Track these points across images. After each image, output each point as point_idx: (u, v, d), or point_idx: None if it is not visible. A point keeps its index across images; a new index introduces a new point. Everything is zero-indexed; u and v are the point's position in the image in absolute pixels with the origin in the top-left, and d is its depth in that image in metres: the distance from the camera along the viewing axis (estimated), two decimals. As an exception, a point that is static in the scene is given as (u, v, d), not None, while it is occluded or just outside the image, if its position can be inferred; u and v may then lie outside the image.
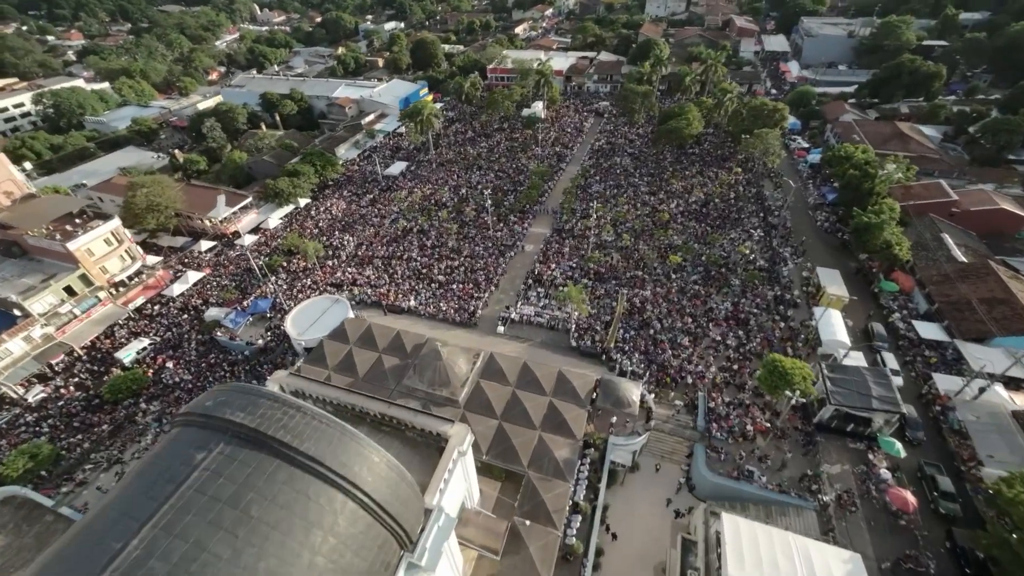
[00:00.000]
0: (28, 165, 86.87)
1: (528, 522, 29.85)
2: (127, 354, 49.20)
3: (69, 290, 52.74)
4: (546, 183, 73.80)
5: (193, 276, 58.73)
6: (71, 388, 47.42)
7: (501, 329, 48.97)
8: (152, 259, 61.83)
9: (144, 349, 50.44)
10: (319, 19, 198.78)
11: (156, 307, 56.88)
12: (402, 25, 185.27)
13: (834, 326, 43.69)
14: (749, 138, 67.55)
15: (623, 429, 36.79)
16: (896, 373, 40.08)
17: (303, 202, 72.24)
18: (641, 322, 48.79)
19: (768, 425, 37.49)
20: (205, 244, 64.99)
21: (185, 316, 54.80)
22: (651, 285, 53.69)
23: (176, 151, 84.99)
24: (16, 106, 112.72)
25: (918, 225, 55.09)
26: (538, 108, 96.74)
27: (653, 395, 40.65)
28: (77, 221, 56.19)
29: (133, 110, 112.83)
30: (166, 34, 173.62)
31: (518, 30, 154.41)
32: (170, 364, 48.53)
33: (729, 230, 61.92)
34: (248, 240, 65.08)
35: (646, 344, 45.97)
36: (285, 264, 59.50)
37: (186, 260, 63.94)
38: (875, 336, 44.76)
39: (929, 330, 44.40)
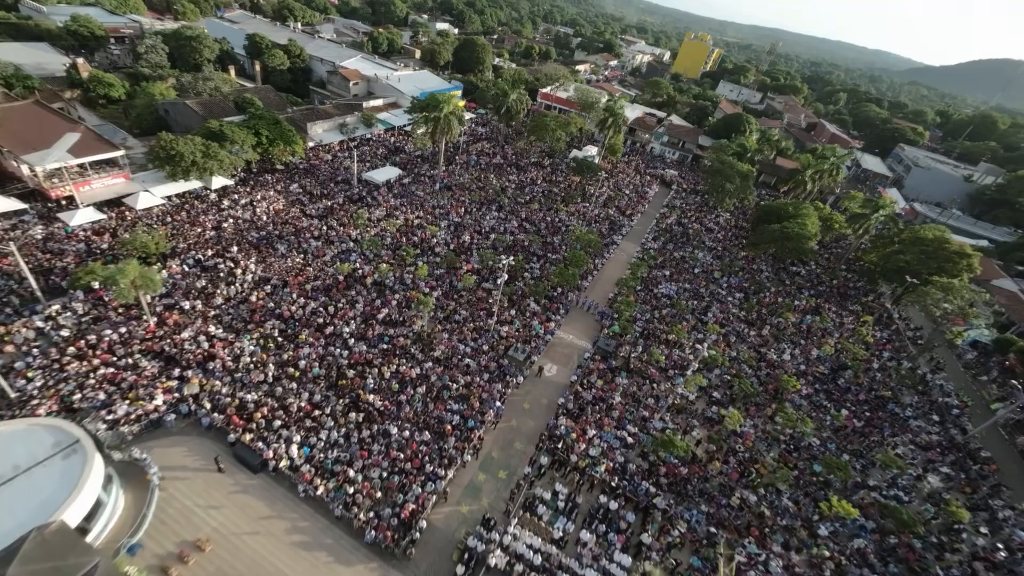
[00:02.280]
0: None
1: None
2: None
3: None
4: (592, 259, 46.60)
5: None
6: None
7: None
8: None
9: None
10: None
11: None
12: (456, 31, 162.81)
13: None
14: (927, 286, 41.55)
15: None
16: None
17: (217, 183, 43.62)
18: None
19: None
20: (3, 203, 35.28)
21: None
22: (779, 544, 25.59)
23: (80, 60, 56.05)
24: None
25: None
26: (591, 152, 71.12)
27: None
28: None
29: (97, 12, 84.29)
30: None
31: (579, 68, 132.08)
32: None
33: (887, 436, 34.79)
34: (82, 218, 35.78)
35: None
36: (98, 288, 30.05)
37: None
38: None
39: None
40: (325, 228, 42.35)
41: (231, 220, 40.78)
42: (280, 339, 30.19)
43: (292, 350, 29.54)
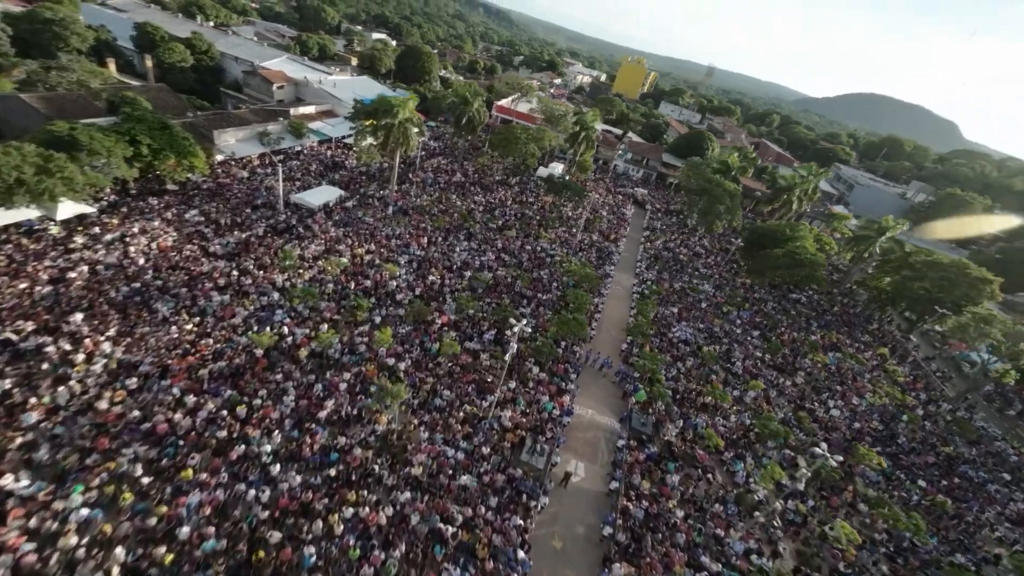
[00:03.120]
0: None
1: None
2: None
3: None
4: (593, 298, 37.20)
5: None
6: None
7: None
8: None
9: None
10: (295, 3, 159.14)
11: None
12: (395, 43, 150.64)
13: None
14: (959, 316, 36.47)
15: None
16: None
17: (67, 210, 29.25)
18: None
19: None
20: None
21: None
22: None
23: None
24: None
25: None
26: (558, 170, 62.88)
27: None
28: None
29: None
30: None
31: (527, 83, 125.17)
32: None
33: (975, 511, 28.07)
34: None
35: None
36: None
37: None
38: None
39: None
40: (236, 274, 29.35)
41: (84, 267, 26.70)
42: (146, 482, 17.32)
43: (168, 502, 16.83)
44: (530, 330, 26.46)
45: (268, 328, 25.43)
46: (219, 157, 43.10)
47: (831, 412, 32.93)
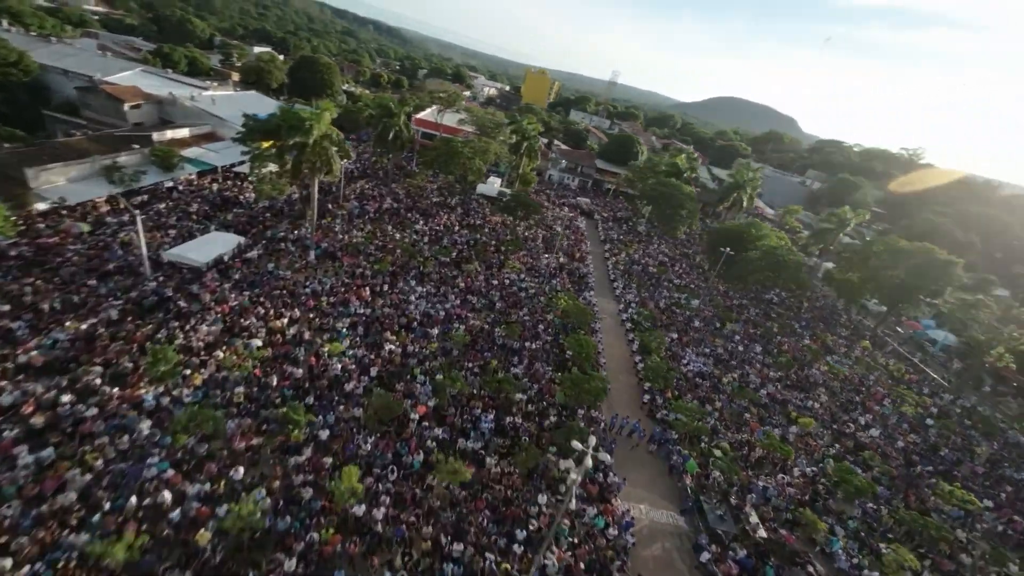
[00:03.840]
0: None
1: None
2: None
3: None
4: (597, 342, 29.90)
5: None
6: None
7: None
8: None
9: None
10: (151, 15, 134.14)
11: None
12: (282, 57, 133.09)
13: None
14: (943, 303, 35.03)
15: None
16: None
17: None
18: None
19: None
20: None
21: None
22: None
23: None
24: None
25: None
26: (496, 184, 55.51)
27: None
28: None
29: None
30: None
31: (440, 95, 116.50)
32: None
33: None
34: None
35: None
36: None
37: None
38: None
39: None
40: (68, 400, 17.47)
41: None
42: None
43: None
44: (526, 397, 18.25)
45: (132, 499, 14.45)
46: (40, 206, 29.29)
47: (870, 432, 28.99)
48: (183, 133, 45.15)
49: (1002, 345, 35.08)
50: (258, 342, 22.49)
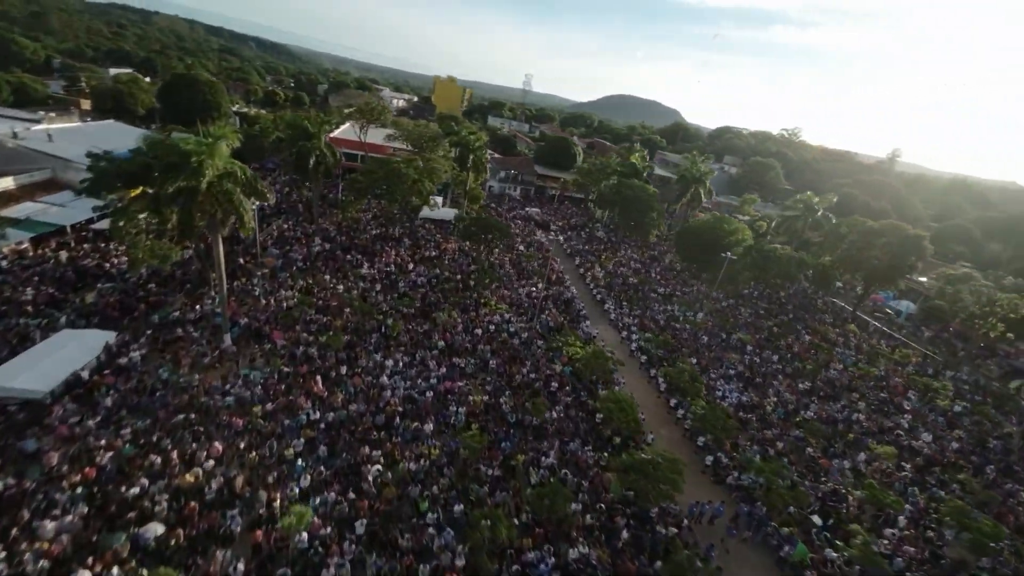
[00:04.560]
0: None
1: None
2: None
3: None
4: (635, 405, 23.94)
5: None
6: None
7: None
8: None
9: None
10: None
11: None
12: (148, 79, 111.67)
13: None
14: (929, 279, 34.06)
15: None
16: None
17: None
18: None
19: None
20: None
21: None
22: None
23: None
24: None
25: None
26: (439, 204, 48.04)
27: None
28: None
29: None
30: None
31: (346, 111, 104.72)
32: None
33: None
34: None
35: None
36: None
37: None
38: None
39: None
40: None
41: None
42: None
43: None
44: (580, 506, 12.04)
45: None
46: None
47: (922, 437, 26.22)
48: (7, 184, 32.10)
49: (994, 316, 35.36)
50: (157, 529, 13.32)
